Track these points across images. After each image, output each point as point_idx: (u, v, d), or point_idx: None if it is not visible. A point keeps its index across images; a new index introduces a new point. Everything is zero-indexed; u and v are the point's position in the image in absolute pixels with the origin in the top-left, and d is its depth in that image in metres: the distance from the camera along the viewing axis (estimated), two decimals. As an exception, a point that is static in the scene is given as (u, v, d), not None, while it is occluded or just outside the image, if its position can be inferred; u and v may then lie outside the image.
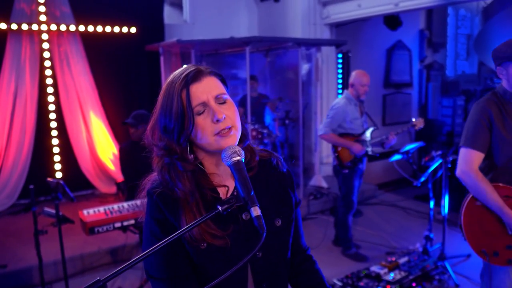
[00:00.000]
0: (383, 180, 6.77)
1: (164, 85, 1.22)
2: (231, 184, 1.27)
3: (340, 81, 5.80)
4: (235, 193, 1.10)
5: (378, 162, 6.29)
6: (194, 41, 5.00)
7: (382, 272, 3.51)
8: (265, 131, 5.89)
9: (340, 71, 5.77)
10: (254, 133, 5.83)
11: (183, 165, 1.19)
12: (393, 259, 3.74)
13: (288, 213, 1.33)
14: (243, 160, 1.13)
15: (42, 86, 5.58)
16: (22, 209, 5.36)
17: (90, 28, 5.65)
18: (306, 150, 6.50)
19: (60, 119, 5.73)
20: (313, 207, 5.50)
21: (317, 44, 5.75)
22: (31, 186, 3.13)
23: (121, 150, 3.87)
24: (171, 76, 1.22)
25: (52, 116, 5.67)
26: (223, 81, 1.25)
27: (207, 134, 1.17)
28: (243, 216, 1.24)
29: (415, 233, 4.77)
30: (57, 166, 5.76)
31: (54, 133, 5.71)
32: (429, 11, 7.76)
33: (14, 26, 5.24)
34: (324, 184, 6.08)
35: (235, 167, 1.10)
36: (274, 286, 1.32)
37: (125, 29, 5.85)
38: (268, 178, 1.32)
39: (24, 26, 5.29)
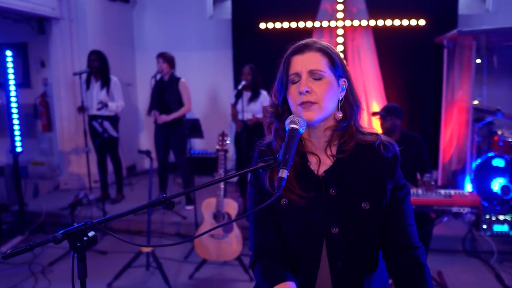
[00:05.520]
0: None
1: None
2: (322, 156, 1.34)
3: None
4: (278, 155, 1.16)
5: None
6: (475, 31, 4.56)
7: None
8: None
9: None
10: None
11: (279, 123, 1.34)
12: None
13: (379, 198, 1.30)
14: (301, 131, 1.22)
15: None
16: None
17: (380, 23, 5.96)
18: None
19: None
20: None
21: None
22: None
23: None
24: None
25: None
26: (332, 61, 1.29)
27: (293, 103, 1.29)
28: (331, 191, 1.30)
29: None
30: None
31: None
32: None
33: (317, 24, 6.17)
34: None
35: (288, 133, 1.20)
36: (350, 269, 1.32)
37: (413, 22, 5.86)
38: (364, 160, 1.31)
39: (325, 24, 6.14)
